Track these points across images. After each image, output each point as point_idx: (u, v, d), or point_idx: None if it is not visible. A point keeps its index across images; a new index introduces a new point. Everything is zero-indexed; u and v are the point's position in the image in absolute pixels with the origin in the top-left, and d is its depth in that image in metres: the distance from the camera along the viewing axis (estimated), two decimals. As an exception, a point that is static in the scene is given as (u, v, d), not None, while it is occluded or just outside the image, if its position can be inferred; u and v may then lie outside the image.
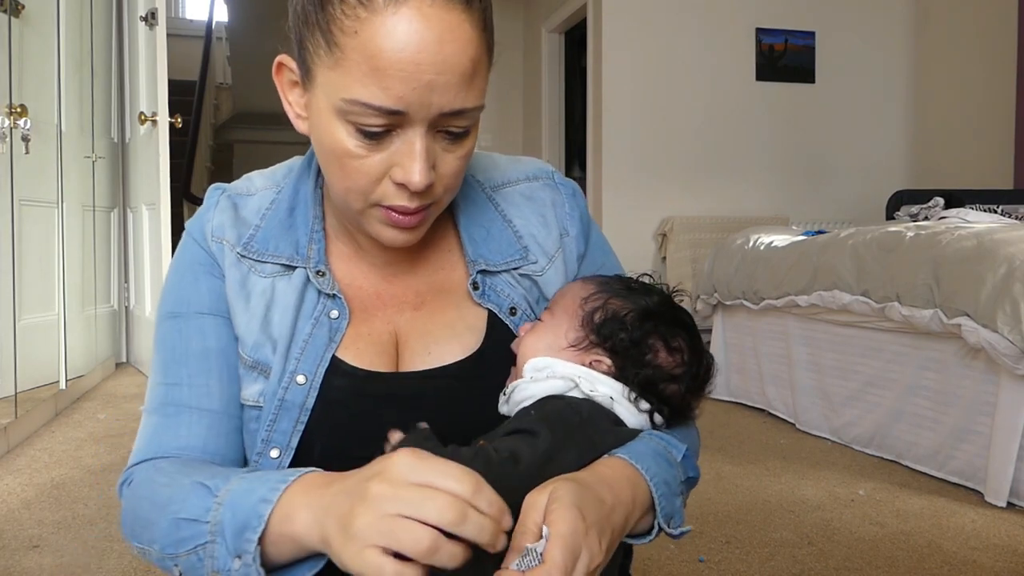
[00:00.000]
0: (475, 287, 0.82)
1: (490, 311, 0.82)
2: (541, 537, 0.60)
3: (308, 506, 0.61)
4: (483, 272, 0.83)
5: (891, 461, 2.40)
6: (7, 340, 2.75)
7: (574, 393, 0.74)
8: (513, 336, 0.82)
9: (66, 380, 3.18)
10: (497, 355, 0.80)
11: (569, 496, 0.62)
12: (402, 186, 0.69)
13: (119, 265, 4.19)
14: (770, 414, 3.05)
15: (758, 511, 1.98)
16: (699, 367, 0.79)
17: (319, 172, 0.84)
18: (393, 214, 0.72)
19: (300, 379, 0.76)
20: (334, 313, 0.79)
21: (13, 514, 1.97)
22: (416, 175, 0.68)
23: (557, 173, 0.92)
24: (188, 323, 0.80)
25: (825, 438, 2.69)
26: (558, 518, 0.60)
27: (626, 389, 0.76)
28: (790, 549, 1.75)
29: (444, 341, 0.80)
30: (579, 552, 0.59)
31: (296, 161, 0.87)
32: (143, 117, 3.52)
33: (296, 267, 0.80)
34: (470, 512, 0.55)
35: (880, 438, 2.46)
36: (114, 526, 1.88)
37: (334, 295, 0.79)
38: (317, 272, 0.80)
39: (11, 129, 2.71)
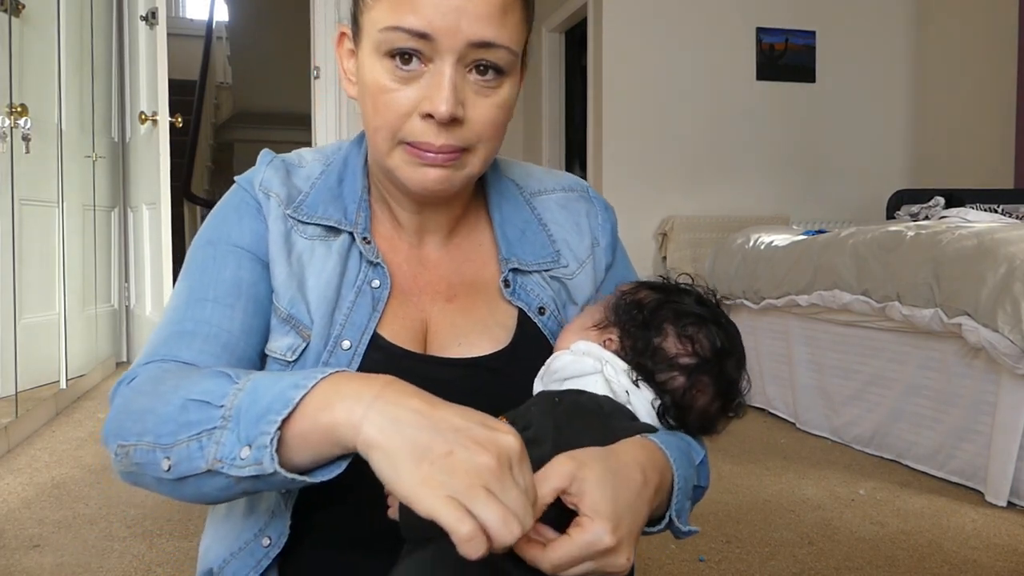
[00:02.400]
0: (506, 284, 0.84)
1: (520, 310, 0.83)
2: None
3: (357, 400, 0.55)
4: (515, 271, 0.85)
5: (891, 461, 2.40)
6: (8, 339, 2.76)
7: (596, 380, 0.75)
8: (542, 335, 0.84)
9: (66, 379, 3.18)
10: (527, 353, 0.81)
11: (604, 503, 0.60)
12: (428, 118, 0.71)
13: (119, 264, 4.19)
14: (770, 414, 3.05)
15: (758, 511, 1.98)
16: (720, 366, 0.76)
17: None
18: (417, 151, 0.73)
19: (345, 344, 0.77)
20: (376, 283, 0.80)
21: (14, 513, 1.97)
22: (442, 104, 0.69)
23: (591, 188, 0.97)
24: (225, 251, 0.80)
25: (825, 437, 2.69)
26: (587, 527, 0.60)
27: (631, 372, 0.75)
28: (790, 549, 1.75)
29: (475, 335, 0.82)
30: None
31: (344, 142, 0.90)
32: (143, 116, 3.52)
33: (342, 231, 0.81)
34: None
35: (880, 437, 2.45)
36: (115, 525, 1.88)
37: (377, 263, 0.81)
38: (364, 238, 0.81)
39: (11, 128, 2.71)
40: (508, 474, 0.53)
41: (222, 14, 7.54)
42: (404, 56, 0.70)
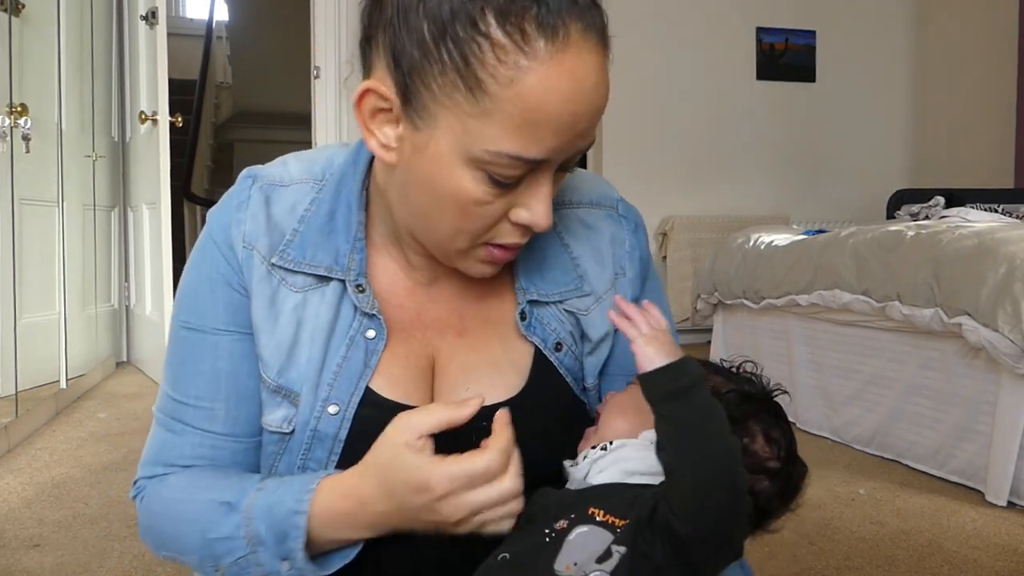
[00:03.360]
0: (523, 317, 0.77)
1: (535, 347, 0.77)
2: None
3: (350, 526, 0.68)
4: (533, 302, 0.77)
5: (892, 460, 2.40)
6: (8, 339, 2.75)
7: None
8: (558, 373, 0.78)
9: (67, 379, 3.18)
10: (541, 397, 0.75)
11: None
12: (519, 225, 0.67)
13: (119, 264, 4.19)
14: (770, 413, 3.05)
15: (758, 510, 1.98)
16: (793, 470, 0.73)
17: (366, 173, 0.77)
18: (497, 252, 0.69)
19: (332, 409, 0.72)
20: (370, 333, 0.74)
21: (14, 513, 1.97)
22: (543, 217, 0.66)
23: (622, 202, 0.85)
24: (202, 339, 0.76)
25: (826, 437, 2.69)
26: None
27: None
28: (790, 548, 1.75)
29: (486, 378, 0.75)
30: None
31: (337, 153, 0.80)
32: (143, 116, 3.52)
33: (332, 279, 0.74)
34: (517, 478, 0.64)
35: (881, 437, 2.45)
36: (115, 525, 1.88)
37: (372, 314, 0.74)
38: (357, 287, 0.74)
39: (11, 128, 2.71)
40: (465, 490, 0.62)
41: (222, 14, 7.53)
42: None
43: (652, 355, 0.65)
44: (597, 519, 0.63)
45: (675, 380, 0.65)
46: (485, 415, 0.73)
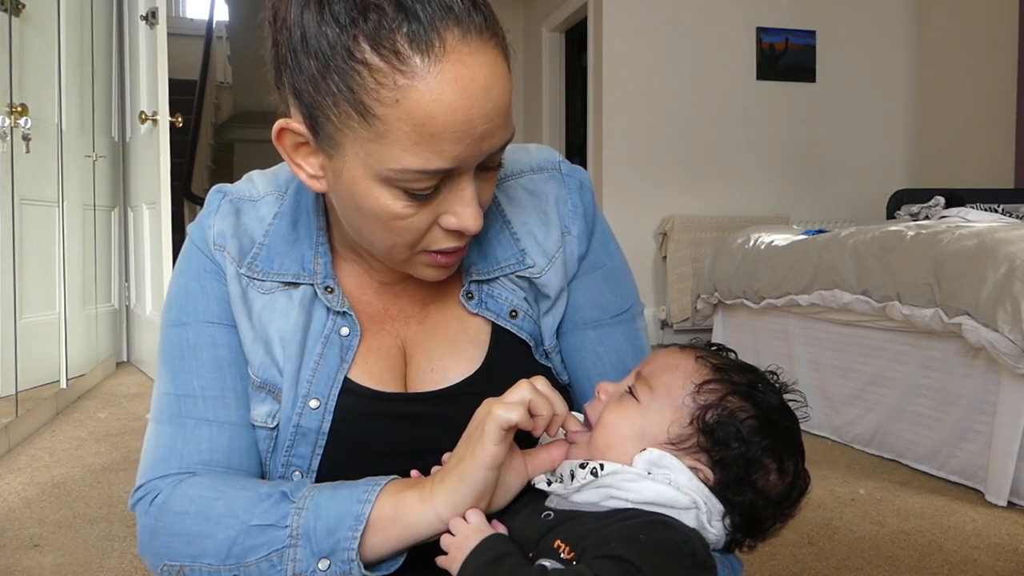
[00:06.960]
0: (469, 297, 0.79)
1: (491, 320, 0.79)
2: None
3: (421, 498, 0.66)
4: (477, 281, 0.79)
5: (892, 460, 2.40)
6: (8, 339, 2.76)
7: (687, 517, 0.63)
8: (518, 339, 0.79)
9: (67, 379, 3.18)
10: (504, 365, 0.77)
11: None
12: (451, 231, 0.68)
13: (120, 264, 4.19)
14: (770, 413, 3.05)
15: (758, 510, 1.98)
16: (793, 491, 0.70)
17: None
18: (440, 257, 0.70)
19: (313, 403, 0.74)
20: (344, 331, 0.76)
21: (14, 513, 1.97)
22: (471, 220, 0.67)
23: (564, 163, 0.87)
24: (198, 332, 0.77)
25: (826, 437, 2.69)
26: None
27: (723, 513, 0.66)
28: (790, 548, 1.75)
29: (447, 357, 0.78)
30: None
31: None
32: (144, 116, 3.52)
33: (300, 284, 0.77)
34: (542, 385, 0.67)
35: (881, 437, 2.46)
36: (115, 525, 1.88)
37: (344, 312, 0.77)
38: (326, 288, 0.77)
39: (12, 128, 2.71)
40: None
41: (222, 14, 7.53)
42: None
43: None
44: (561, 555, 0.60)
45: None
46: (448, 393, 0.76)
